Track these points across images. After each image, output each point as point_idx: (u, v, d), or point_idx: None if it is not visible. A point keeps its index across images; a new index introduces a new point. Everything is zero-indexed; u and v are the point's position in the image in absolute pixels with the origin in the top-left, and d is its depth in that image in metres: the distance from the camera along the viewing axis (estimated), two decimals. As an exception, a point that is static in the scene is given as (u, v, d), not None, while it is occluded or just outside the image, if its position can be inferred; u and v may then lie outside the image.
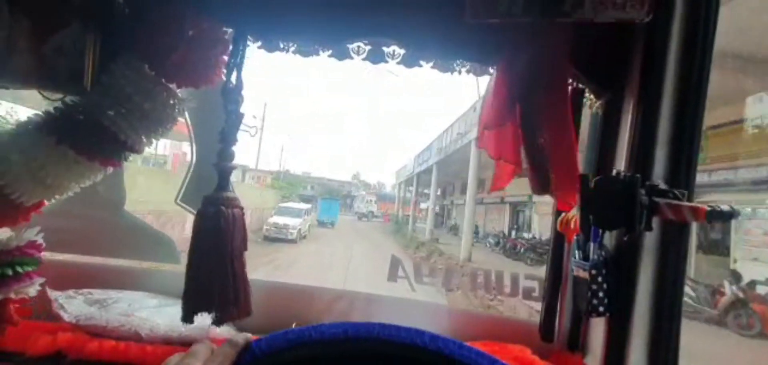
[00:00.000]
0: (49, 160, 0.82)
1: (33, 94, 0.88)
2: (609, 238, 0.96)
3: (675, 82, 0.84)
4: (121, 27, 0.87)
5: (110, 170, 0.95)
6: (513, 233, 17.68)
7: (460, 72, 0.97)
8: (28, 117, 0.86)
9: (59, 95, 0.92)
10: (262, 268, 8.88)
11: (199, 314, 0.85)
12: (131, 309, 1.05)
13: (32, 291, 0.90)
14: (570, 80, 0.95)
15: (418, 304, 1.30)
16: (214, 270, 0.84)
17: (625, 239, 0.88)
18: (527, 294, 1.28)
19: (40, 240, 0.90)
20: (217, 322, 0.87)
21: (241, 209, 0.91)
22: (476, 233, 18.40)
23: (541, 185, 0.96)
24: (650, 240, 0.91)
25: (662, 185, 0.84)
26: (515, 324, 1.20)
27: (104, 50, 0.85)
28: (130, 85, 0.85)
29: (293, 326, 0.56)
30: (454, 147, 15.46)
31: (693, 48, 0.81)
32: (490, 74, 0.97)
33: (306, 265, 10.54)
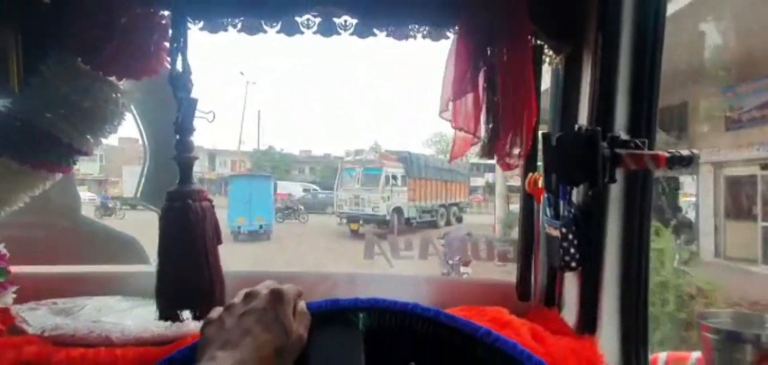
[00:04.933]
0: None
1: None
2: (576, 193, 0.97)
3: (632, 32, 0.83)
4: (44, 21, 0.80)
5: (58, 176, 0.90)
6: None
7: (415, 38, 0.93)
8: None
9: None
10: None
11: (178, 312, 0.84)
12: (100, 315, 1.02)
13: (8, 299, 0.90)
14: (529, 37, 0.92)
15: (397, 277, 1.30)
16: (188, 267, 0.82)
17: (590, 193, 0.88)
18: (502, 257, 1.29)
19: (3, 250, 0.88)
20: (197, 318, 0.86)
21: (210, 200, 0.87)
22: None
23: (488, 150, 0.95)
24: (616, 192, 0.92)
25: (624, 136, 0.84)
26: (492, 286, 1.22)
27: (28, 47, 0.78)
28: (65, 84, 0.80)
29: None
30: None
31: None
32: (448, 38, 0.94)
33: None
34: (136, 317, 1.01)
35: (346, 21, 0.91)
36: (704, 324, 1.09)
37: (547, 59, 0.97)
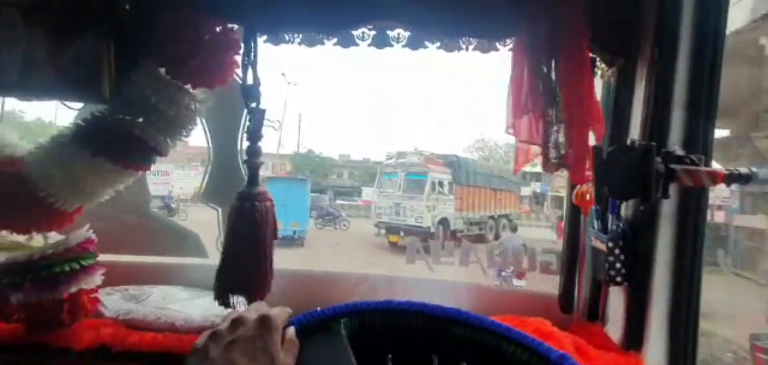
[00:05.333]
0: (87, 171, 0.89)
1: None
2: (625, 207, 0.96)
3: (690, 46, 0.82)
4: (133, 33, 0.89)
5: (140, 174, 1.00)
6: None
7: (467, 49, 0.96)
8: (60, 131, 0.92)
9: (80, 105, 0.96)
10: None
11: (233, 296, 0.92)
12: (165, 302, 1.11)
13: (98, 280, 1.00)
14: (587, 48, 0.93)
15: (438, 283, 1.32)
16: (250, 259, 0.91)
17: (642, 208, 0.87)
18: (545, 268, 1.29)
19: (93, 236, 0.99)
20: (251, 300, 0.93)
21: (271, 201, 0.96)
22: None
23: (555, 163, 0.95)
24: (668, 208, 0.90)
25: (679, 151, 0.83)
26: (535, 297, 1.22)
27: (120, 58, 0.88)
28: (155, 93, 0.89)
29: (317, 309, 0.62)
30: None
31: (707, 10, 0.78)
32: (497, 50, 0.96)
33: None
34: (197, 307, 1.10)
35: (399, 34, 0.96)
36: (758, 345, 1.05)
37: (599, 71, 0.97)
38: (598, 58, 0.95)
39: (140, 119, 0.89)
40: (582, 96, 0.86)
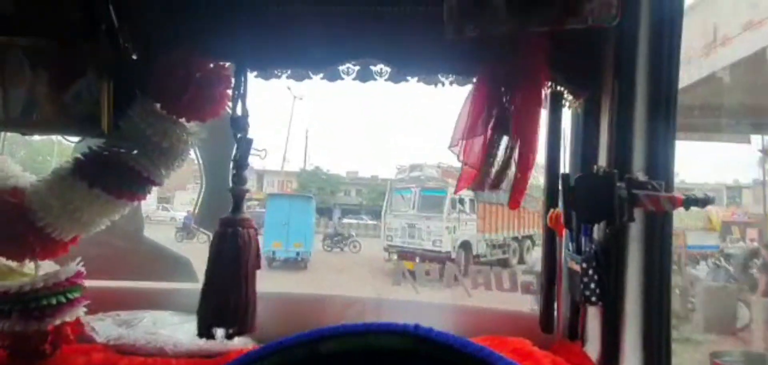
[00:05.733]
0: (84, 202, 0.93)
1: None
2: (598, 230, 1.01)
3: (647, 79, 0.89)
4: (132, 72, 0.96)
5: (135, 203, 1.04)
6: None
7: (443, 84, 1.02)
8: (61, 164, 0.97)
9: (78, 139, 1.02)
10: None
11: (214, 329, 0.93)
12: (155, 327, 1.13)
13: (80, 312, 1.02)
14: (549, 83, 1.00)
15: (423, 304, 1.35)
16: (230, 288, 0.92)
17: (608, 231, 0.92)
18: (526, 288, 1.32)
19: (81, 269, 1.02)
20: (229, 337, 0.95)
21: (255, 229, 0.99)
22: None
23: (487, 184, 1.01)
24: (636, 231, 0.96)
25: (641, 178, 0.89)
26: (516, 318, 1.25)
27: (117, 94, 0.94)
28: (149, 127, 0.94)
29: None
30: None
31: (660, 45, 0.86)
32: (473, 84, 1.03)
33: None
34: (186, 332, 1.12)
35: (381, 69, 1.02)
36: (716, 361, 1.08)
37: (567, 103, 1.04)
38: (565, 91, 1.02)
39: (136, 152, 0.94)
40: (533, 127, 0.93)
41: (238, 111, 0.98)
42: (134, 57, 0.97)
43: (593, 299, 0.99)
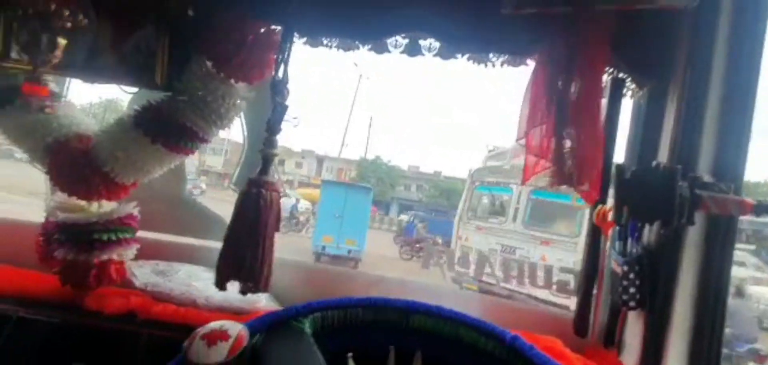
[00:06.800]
0: (146, 155, 1.02)
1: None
2: (648, 232, 0.94)
3: (723, 73, 0.81)
4: (187, 29, 0.99)
5: (187, 157, 1.12)
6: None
7: (494, 64, 0.98)
8: (121, 118, 1.05)
9: (135, 90, 1.06)
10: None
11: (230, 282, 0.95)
12: (190, 280, 1.18)
13: (130, 254, 1.11)
14: (610, 69, 0.93)
15: (452, 292, 1.32)
16: (248, 246, 0.93)
17: (664, 232, 0.86)
18: (561, 288, 1.26)
19: (136, 213, 1.10)
20: (243, 291, 0.97)
21: (279, 192, 0.99)
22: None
23: (562, 177, 0.96)
24: (694, 235, 0.88)
25: (707, 178, 0.82)
26: (548, 316, 1.20)
27: (172, 49, 0.97)
28: (204, 88, 0.99)
29: None
30: None
31: (742, 36, 0.78)
32: (527, 65, 0.98)
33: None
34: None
35: (430, 44, 1.00)
36: None
37: (629, 92, 0.97)
38: (628, 79, 0.95)
39: (191, 110, 0.99)
40: (594, 116, 0.87)
41: (280, 75, 0.98)
42: (191, 13, 0.99)
43: (631, 304, 0.93)
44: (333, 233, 8.36)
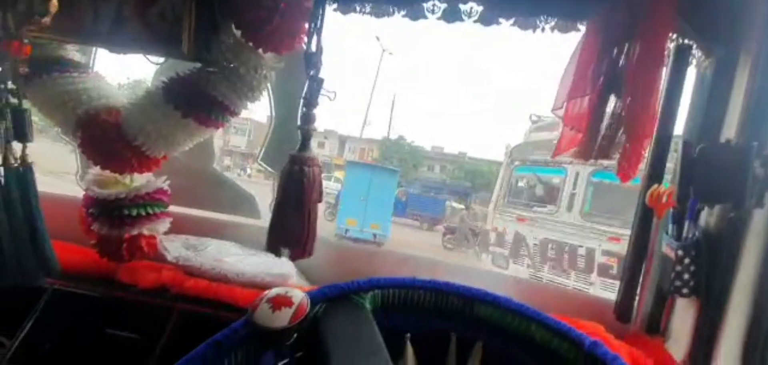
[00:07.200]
0: (176, 129, 1.01)
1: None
2: (707, 214, 0.87)
3: None
4: (217, -2, 0.93)
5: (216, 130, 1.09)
6: None
7: (543, 29, 0.90)
8: (149, 90, 1.03)
9: (161, 59, 1.03)
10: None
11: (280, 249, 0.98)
12: (220, 255, 1.17)
13: (162, 228, 1.11)
14: (674, 35, 0.84)
15: (489, 274, 1.28)
16: (294, 217, 0.95)
17: (732, 215, 0.78)
18: (603, 271, 1.21)
19: (165, 187, 1.09)
20: (292, 257, 1.02)
21: (319, 167, 0.99)
22: None
23: (589, 152, 0.89)
24: (760, 219, 0.81)
25: (784, 157, 0.74)
26: (589, 300, 1.15)
27: (199, 17, 0.92)
28: (235, 58, 0.96)
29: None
30: None
31: None
32: (578, 31, 0.89)
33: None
34: (249, 264, 1.15)
35: (471, 8, 0.92)
36: None
37: (694, 60, 0.88)
38: (694, 46, 0.86)
39: (221, 83, 0.96)
40: (650, 86, 0.79)
41: (313, 47, 0.93)
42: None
43: (684, 291, 0.86)
44: (357, 216, 8.11)
